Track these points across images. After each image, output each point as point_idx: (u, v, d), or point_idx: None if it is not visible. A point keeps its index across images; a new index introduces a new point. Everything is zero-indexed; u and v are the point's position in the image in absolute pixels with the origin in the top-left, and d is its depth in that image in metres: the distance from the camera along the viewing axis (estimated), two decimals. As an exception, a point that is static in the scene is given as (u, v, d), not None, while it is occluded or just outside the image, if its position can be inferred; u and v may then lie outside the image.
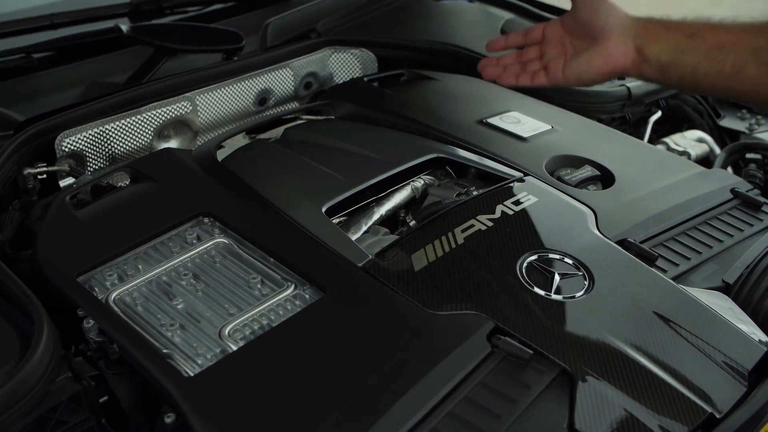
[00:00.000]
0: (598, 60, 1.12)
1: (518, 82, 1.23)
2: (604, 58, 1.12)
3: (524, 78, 1.23)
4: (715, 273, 1.21)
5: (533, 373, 0.99)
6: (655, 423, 0.95)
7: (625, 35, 1.10)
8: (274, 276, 1.13)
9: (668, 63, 1.07)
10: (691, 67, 1.07)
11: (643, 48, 1.09)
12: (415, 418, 0.93)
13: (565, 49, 1.19)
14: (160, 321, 1.07)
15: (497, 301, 1.08)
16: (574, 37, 1.17)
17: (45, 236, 1.20)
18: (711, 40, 1.06)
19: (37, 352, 0.95)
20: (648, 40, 1.09)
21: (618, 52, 1.10)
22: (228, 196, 1.28)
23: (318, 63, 1.77)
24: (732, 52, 1.04)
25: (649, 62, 1.09)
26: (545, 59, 1.21)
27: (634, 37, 1.10)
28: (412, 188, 1.35)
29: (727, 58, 1.05)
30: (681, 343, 1.05)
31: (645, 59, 1.09)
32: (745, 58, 1.04)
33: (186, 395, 0.94)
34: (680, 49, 1.07)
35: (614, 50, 1.10)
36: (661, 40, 1.08)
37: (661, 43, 1.08)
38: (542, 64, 1.21)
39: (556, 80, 1.19)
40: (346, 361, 1.00)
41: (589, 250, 1.18)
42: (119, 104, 1.48)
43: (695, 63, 1.07)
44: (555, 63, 1.19)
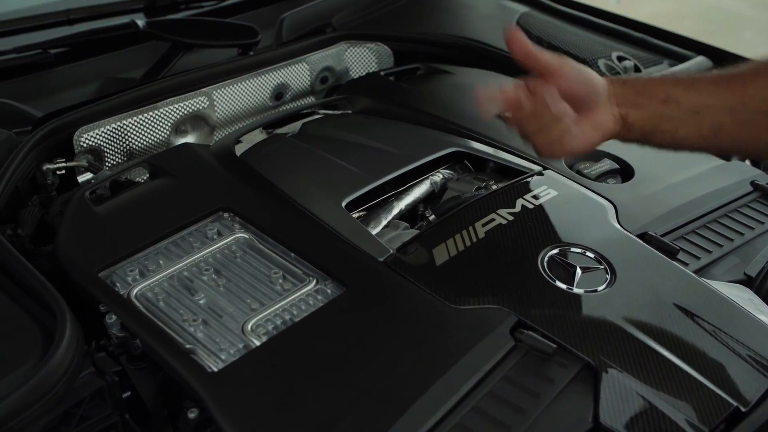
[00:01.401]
0: (592, 132, 1.06)
1: None
2: (598, 129, 1.06)
3: None
4: (737, 266, 1.21)
5: (557, 367, 0.99)
6: (680, 416, 0.95)
7: (610, 104, 1.05)
8: (296, 271, 1.13)
9: (650, 130, 1.05)
10: (671, 133, 1.05)
11: (627, 116, 1.06)
12: (439, 412, 0.93)
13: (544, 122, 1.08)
14: (183, 316, 1.07)
15: (519, 296, 1.08)
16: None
17: (65, 232, 1.20)
18: (685, 104, 1.04)
19: (61, 348, 0.95)
20: (628, 107, 1.05)
21: (609, 122, 1.05)
22: (247, 191, 1.28)
23: (334, 57, 1.77)
24: (707, 114, 1.03)
25: (633, 130, 1.06)
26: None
27: (618, 106, 1.06)
28: (431, 183, 1.35)
29: (703, 120, 1.03)
30: (704, 337, 1.05)
31: (629, 127, 1.06)
32: (722, 118, 1.03)
33: (210, 391, 0.95)
34: (659, 116, 1.05)
35: (606, 120, 1.05)
36: (640, 107, 1.05)
37: (640, 110, 1.05)
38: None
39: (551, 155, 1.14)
40: (370, 356, 1.00)
41: (611, 243, 1.18)
42: (137, 99, 1.48)
43: (674, 129, 1.05)
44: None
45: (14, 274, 1.09)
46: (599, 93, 1.05)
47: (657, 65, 1.82)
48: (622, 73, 1.77)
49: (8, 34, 1.67)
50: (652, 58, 1.85)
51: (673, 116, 1.04)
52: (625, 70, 1.78)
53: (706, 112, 1.03)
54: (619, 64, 1.79)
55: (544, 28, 1.90)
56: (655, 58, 1.85)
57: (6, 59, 1.61)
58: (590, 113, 1.05)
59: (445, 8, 1.98)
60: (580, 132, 1.06)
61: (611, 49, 1.84)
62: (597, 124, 1.05)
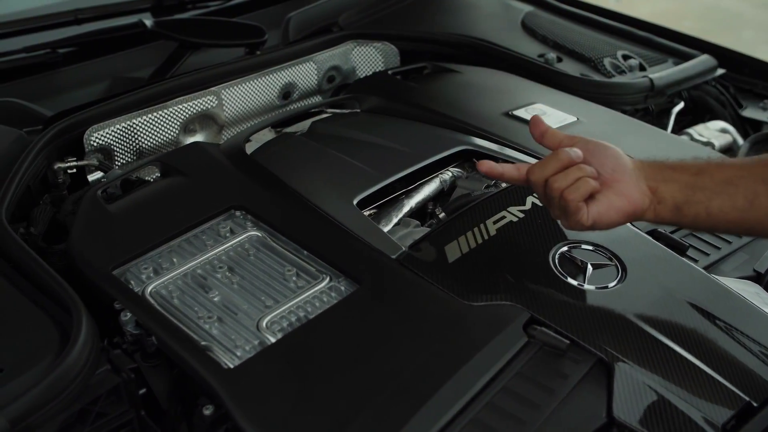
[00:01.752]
0: (618, 201, 1.04)
1: None
2: (624, 198, 1.04)
3: None
4: (746, 263, 1.22)
5: (570, 363, 1.00)
6: (693, 410, 0.95)
7: (636, 177, 1.05)
8: (309, 268, 1.14)
9: (682, 202, 1.04)
10: (704, 204, 1.03)
11: (657, 189, 1.05)
12: (454, 408, 0.93)
13: None
14: (198, 314, 1.07)
15: (531, 292, 1.09)
16: None
17: (78, 230, 1.21)
18: (718, 176, 1.04)
19: (77, 345, 0.96)
20: (658, 180, 1.05)
21: (636, 193, 1.04)
22: (259, 189, 1.28)
23: (341, 57, 1.77)
24: (741, 185, 1.02)
25: (665, 203, 1.05)
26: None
27: (646, 179, 1.05)
28: (440, 181, 1.36)
29: (737, 191, 1.02)
30: (716, 332, 1.06)
31: (660, 200, 1.05)
32: (756, 188, 1.02)
33: (227, 387, 0.95)
34: (691, 186, 1.04)
35: (632, 191, 1.05)
36: (671, 180, 1.05)
37: (671, 183, 1.05)
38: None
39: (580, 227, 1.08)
40: (385, 352, 1.01)
41: (620, 240, 1.19)
42: (146, 99, 1.49)
43: (707, 200, 1.03)
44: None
45: (29, 272, 1.10)
46: (623, 168, 1.06)
47: (661, 63, 1.84)
48: (628, 71, 1.78)
49: (17, 33, 1.67)
50: (657, 56, 1.86)
51: (707, 187, 1.04)
52: (630, 69, 1.79)
53: (738, 183, 1.03)
54: (624, 62, 1.81)
55: (549, 27, 1.91)
56: (659, 56, 1.87)
57: (15, 59, 1.61)
58: (615, 183, 1.05)
59: (450, 7, 1.99)
60: (606, 202, 1.04)
61: (616, 48, 1.85)
62: (626, 194, 1.05)
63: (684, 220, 1.07)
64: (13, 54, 1.63)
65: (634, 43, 1.91)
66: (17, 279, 1.10)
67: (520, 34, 1.85)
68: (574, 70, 1.75)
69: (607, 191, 1.05)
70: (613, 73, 1.75)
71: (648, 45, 1.91)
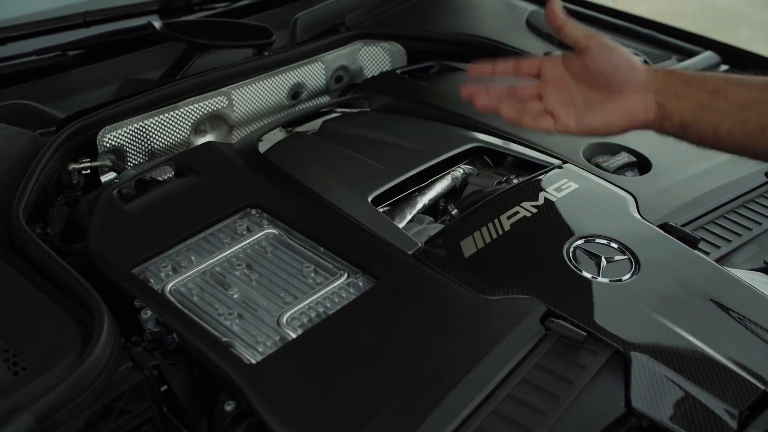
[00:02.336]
0: (617, 116, 1.03)
1: (521, 121, 1.09)
2: (624, 114, 1.03)
3: (527, 119, 1.09)
4: (757, 254, 1.24)
5: (588, 354, 1.02)
6: (710, 400, 0.97)
7: (645, 91, 1.01)
8: (327, 265, 1.15)
9: (690, 121, 1.01)
10: (713, 126, 1.01)
11: (665, 105, 1.02)
12: (475, 400, 0.95)
13: (570, 96, 1.07)
14: (218, 310, 1.09)
15: (547, 285, 1.10)
16: (584, 86, 1.06)
17: (95, 230, 1.22)
18: (734, 98, 1.00)
19: (100, 342, 0.97)
20: (669, 96, 1.01)
21: (639, 110, 1.02)
22: (273, 187, 1.30)
23: (348, 56, 1.79)
24: (756, 109, 0.99)
25: (671, 120, 1.02)
26: (549, 103, 1.08)
27: (655, 93, 1.02)
28: (452, 178, 1.37)
29: (750, 115, 0.99)
30: (730, 323, 1.07)
31: (666, 117, 1.02)
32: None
33: (250, 383, 0.96)
34: (702, 107, 1.01)
35: (635, 107, 1.02)
36: (682, 97, 1.01)
37: (682, 100, 1.01)
38: (545, 107, 1.09)
39: (567, 130, 1.07)
40: (405, 346, 1.02)
41: (633, 234, 1.20)
42: (158, 100, 1.50)
43: (717, 121, 1.00)
44: (563, 111, 1.07)
45: (50, 272, 1.11)
46: (632, 78, 1.02)
47: (665, 60, 1.85)
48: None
49: (27, 36, 1.68)
50: (661, 53, 1.87)
51: (720, 108, 1.00)
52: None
53: (755, 107, 0.99)
54: (629, 59, 1.82)
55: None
56: (663, 53, 1.88)
57: (26, 61, 1.62)
58: (619, 96, 1.02)
59: (455, 7, 2.01)
60: (602, 115, 1.04)
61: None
62: (623, 108, 1.03)
63: (687, 137, 1.05)
64: (24, 57, 1.63)
65: (637, 40, 1.93)
66: (37, 279, 1.11)
67: (526, 33, 1.86)
68: (579, 67, 1.76)
69: (608, 105, 1.04)
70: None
71: (651, 42, 1.92)
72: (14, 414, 0.89)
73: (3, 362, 0.98)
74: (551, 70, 1.09)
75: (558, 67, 1.09)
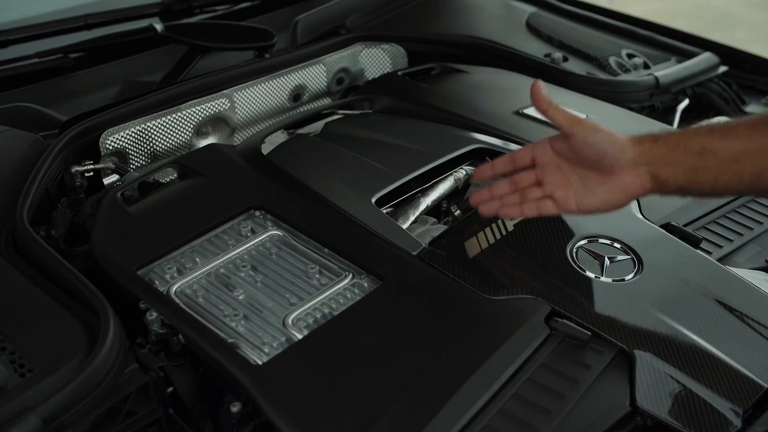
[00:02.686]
0: (614, 194, 1.04)
1: (523, 213, 1.10)
2: (621, 191, 1.03)
3: (529, 208, 1.09)
4: (758, 254, 1.24)
5: (592, 354, 1.02)
6: (713, 398, 0.97)
7: (636, 166, 1.02)
8: (331, 266, 1.16)
9: (686, 184, 1.01)
10: (710, 184, 1.01)
11: (658, 174, 1.02)
12: (481, 400, 0.95)
13: (567, 178, 1.08)
14: (223, 312, 1.09)
15: (551, 285, 1.11)
16: (577, 167, 1.07)
17: (100, 232, 1.22)
18: (723, 154, 0.99)
19: (106, 344, 0.97)
20: (660, 165, 1.02)
21: (635, 184, 1.02)
22: (277, 189, 1.30)
23: (350, 59, 1.79)
24: (747, 161, 0.99)
25: (668, 186, 1.03)
26: (547, 188, 1.09)
27: (647, 165, 1.02)
28: (454, 179, 1.38)
29: (743, 168, 0.99)
30: (732, 322, 1.08)
31: (663, 184, 1.02)
32: (762, 162, 0.99)
33: (257, 384, 0.96)
34: (694, 169, 1.00)
35: (631, 183, 1.02)
36: (672, 164, 1.01)
37: (674, 166, 1.01)
38: (544, 192, 1.09)
39: (568, 211, 1.08)
40: (411, 346, 1.02)
41: (635, 234, 1.21)
42: (160, 102, 1.50)
43: (713, 179, 1.00)
44: (562, 193, 1.08)
45: (54, 274, 1.11)
46: (620, 158, 1.03)
47: (665, 62, 1.86)
48: (632, 70, 1.81)
49: (28, 39, 1.68)
50: (660, 54, 1.89)
51: (711, 167, 1.00)
52: (635, 67, 1.81)
53: (745, 159, 0.99)
54: (629, 61, 1.83)
55: (554, 27, 1.94)
56: (662, 55, 1.89)
57: (28, 64, 1.62)
58: (612, 175, 1.03)
59: (455, 9, 2.01)
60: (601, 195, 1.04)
61: (620, 47, 1.88)
62: (619, 186, 1.03)
63: (689, 195, 1.06)
64: (25, 59, 1.63)
65: (637, 41, 1.94)
66: (42, 281, 1.11)
67: (526, 35, 1.87)
68: (580, 69, 1.77)
69: (604, 184, 1.04)
70: (618, 71, 1.78)
71: (651, 44, 1.94)
72: (22, 415, 0.89)
73: (9, 364, 0.98)
74: (543, 156, 1.09)
75: (548, 152, 1.09)
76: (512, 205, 1.10)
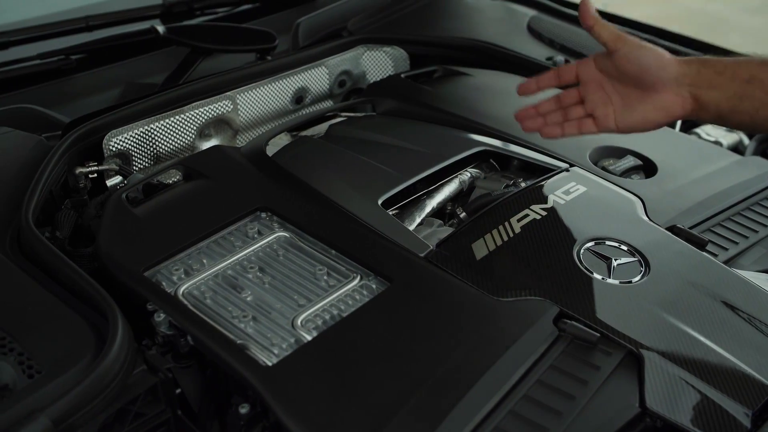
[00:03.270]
0: (654, 113, 1.04)
1: (564, 132, 1.12)
2: (661, 110, 1.04)
3: (570, 127, 1.12)
4: (764, 256, 1.25)
5: (601, 355, 1.02)
6: (723, 399, 0.98)
7: (679, 86, 1.02)
8: (339, 267, 1.16)
9: (727, 111, 1.01)
10: (750, 114, 1.01)
11: (700, 96, 1.02)
12: (492, 401, 0.95)
13: (608, 95, 1.09)
14: (232, 313, 1.09)
15: (559, 287, 1.11)
16: (618, 84, 1.08)
17: (106, 233, 1.22)
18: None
19: (115, 345, 0.97)
20: (704, 88, 1.01)
21: (675, 104, 1.02)
22: (283, 191, 1.30)
23: (352, 61, 1.79)
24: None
25: (708, 110, 1.02)
26: (589, 105, 1.11)
27: (689, 86, 1.02)
28: (459, 181, 1.38)
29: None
30: (739, 323, 1.08)
31: (703, 107, 1.02)
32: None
33: (267, 385, 0.96)
34: (738, 96, 1.00)
35: (671, 102, 1.03)
36: (717, 88, 1.01)
37: (717, 90, 1.01)
38: (586, 111, 1.11)
39: (607, 130, 1.10)
40: (421, 348, 1.02)
41: (642, 236, 1.21)
42: (163, 104, 1.50)
43: (754, 110, 1.00)
44: (602, 111, 1.09)
45: (61, 275, 1.10)
46: (663, 75, 1.03)
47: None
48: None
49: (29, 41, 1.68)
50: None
51: (756, 97, 1.00)
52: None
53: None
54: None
55: (555, 31, 1.94)
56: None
57: (30, 65, 1.62)
58: (654, 93, 1.03)
59: (456, 12, 2.02)
60: (640, 113, 1.04)
61: (621, 50, 1.88)
62: (660, 105, 1.03)
63: (726, 124, 1.07)
64: (27, 61, 1.63)
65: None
66: (48, 282, 1.11)
67: (527, 38, 1.87)
68: (581, 71, 1.77)
69: (644, 102, 1.05)
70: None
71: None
72: (31, 417, 0.89)
73: (18, 366, 0.97)
74: (587, 73, 1.12)
75: (592, 69, 1.11)
76: (554, 124, 1.14)
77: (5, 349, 0.99)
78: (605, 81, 1.09)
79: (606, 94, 1.09)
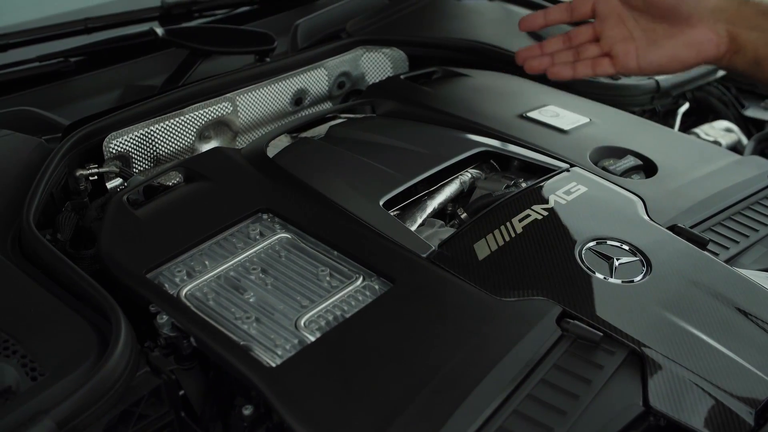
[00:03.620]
0: (684, 51, 0.95)
1: (576, 74, 1.02)
2: (692, 48, 0.94)
3: (583, 67, 1.02)
4: (764, 255, 1.25)
5: (604, 354, 1.02)
6: (726, 397, 0.98)
7: (716, 21, 0.93)
8: (342, 268, 1.16)
9: (765, 56, 0.92)
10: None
11: (738, 37, 0.92)
12: (496, 401, 0.95)
13: (629, 31, 0.99)
14: (235, 314, 1.08)
15: (561, 287, 1.11)
16: (645, 18, 0.97)
17: (107, 235, 1.21)
18: None
19: (118, 347, 0.97)
20: (743, 27, 0.92)
21: (709, 42, 0.93)
22: (284, 192, 1.30)
23: (351, 62, 1.79)
24: None
25: (744, 53, 0.93)
26: (605, 43, 1.00)
27: (727, 23, 0.93)
28: (460, 182, 1.38)
29: None
30: (743, 322, 1.09)
31: (739, 50, 0.93)
32: None
33: (271, 386, 0.96)
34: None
35: (705, 39, 0.93)
36: (758, 28, 0.91)
37: (758, 32, 0.91)
38: (602, 49, 1.01)
39: (627, 70, 1.00)
40: (424, 348, 1.02)
41: (643, 236, 1.22)
42: (163, 106, 1.50)
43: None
44: (622, 48, 0.99)
45: (63, 278, 1.10)
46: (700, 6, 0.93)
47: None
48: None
49: (28, 43, 1.68)
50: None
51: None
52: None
53: None
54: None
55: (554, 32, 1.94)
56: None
57: (28, 68, 1.62)
58: (686, 28, 0.94)
59: (454, 13, 2.02)
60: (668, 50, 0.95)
61: (620, 51, 1.88)
62: (691, 42, 0.94)
63: (759, 75, 0.96)
64: (26, 63, 1.63)
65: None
66: (50, 284, 1.11)
67: (526, 40, 1.87)
68: (581, 73, 1.78)
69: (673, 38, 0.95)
70: (619, 75, 1.79)
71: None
72: (35, 419, 0.88)
73: (21, 368, 0.97)
74: (605, 6, 1.00)
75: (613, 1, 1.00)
76: (564, 64, 1.02)
77: (8, 352, 0.99)
78: (627, 15, 0.99)
79: (627, 30, 0.98)
